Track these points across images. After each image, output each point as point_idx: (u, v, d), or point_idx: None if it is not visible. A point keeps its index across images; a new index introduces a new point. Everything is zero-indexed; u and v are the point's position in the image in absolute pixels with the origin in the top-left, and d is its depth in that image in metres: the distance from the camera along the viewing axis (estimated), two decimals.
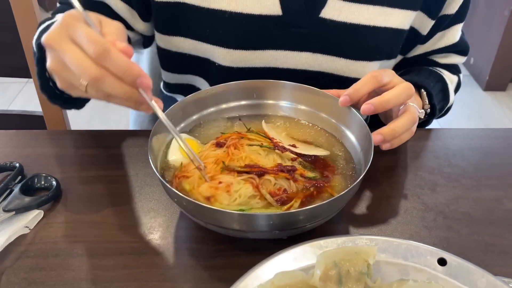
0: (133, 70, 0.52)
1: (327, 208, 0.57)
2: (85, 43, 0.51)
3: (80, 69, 0.51)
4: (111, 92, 0.53)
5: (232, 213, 0.55)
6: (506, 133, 0.85)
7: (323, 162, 0.67)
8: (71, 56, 0.52)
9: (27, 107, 1.21)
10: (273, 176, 0.62)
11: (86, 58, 0.51)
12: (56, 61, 0.54)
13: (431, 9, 0.83)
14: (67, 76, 0.54)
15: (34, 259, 0.60)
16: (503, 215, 0.67)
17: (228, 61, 0.81)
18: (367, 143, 0.64)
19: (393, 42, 0.83)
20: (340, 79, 0.83)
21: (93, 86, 0.52)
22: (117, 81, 0.52)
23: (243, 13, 0.77)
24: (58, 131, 0.83)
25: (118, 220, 0.65)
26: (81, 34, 0.51)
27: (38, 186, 0.69)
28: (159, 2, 0.79)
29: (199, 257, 0.60)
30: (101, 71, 0.51)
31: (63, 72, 0.54)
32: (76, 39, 0.52)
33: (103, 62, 0.51)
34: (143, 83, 0.53)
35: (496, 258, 0.61)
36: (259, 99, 0.76)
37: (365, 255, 0.48)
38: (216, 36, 0.79)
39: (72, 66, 0.52)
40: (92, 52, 0.50)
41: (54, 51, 0.54)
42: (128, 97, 0.53)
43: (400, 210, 0.67)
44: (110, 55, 0.51)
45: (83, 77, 0.52)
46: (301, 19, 0.78)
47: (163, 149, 0.68)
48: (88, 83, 0.52)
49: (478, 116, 2.52)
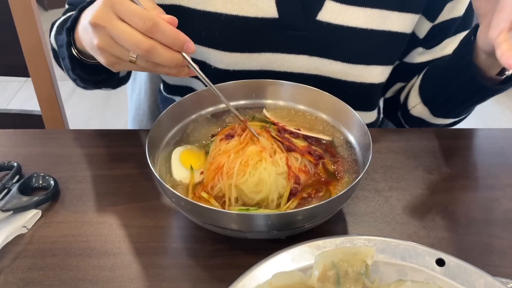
0: (180, 38, 0.56)
1: (325, 208, 0.57)
2: (134, 19, 0.54)
3: (131, 43, 0.55)
4: (161, 61, 0.56)
5: (230, 213, 0.55)
6: (505, 133, 0.85)
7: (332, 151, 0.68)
8: (121, 32, 0.55)
9: (25, 106, 1.21)
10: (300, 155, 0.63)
11: (136, 33, 0.54)
12: (104, 39, 0.57)
13: (430, 11, 0.82)
14: (116, 52, 0.57)
15: (31, 259, 0.60)
16: (501, 215, 0.67)
17: (224, 64, 0.80)
18: (365, 143, 0.64)
19: (393, 46, 0.82)
20: (337, 82, 0.82)
21: (144, 57, 0.56)
22: (165, 50, 0.56)
23: (239, 16, 0.76)
24: (56, 130, 0.83)
25: (116, 220, 0.65)
26: (127, 11, 0.55)
27: (36, 185, 0.69)
28: None
29: (197, 257, 0.60)
30: (152, 42, 0.55)
31: (112, 48, 0.57)
32: (122, 16, 0.55)
33: (153, 35, 0.55)
34: (190, 47, 0.57)
35: (495, 258, 0.61)
36: (257, 99, 0.76)
37: (363, 256, 0.48)
38: (212, 38, 0.79)
39: (122, 41, 0.55)
40: (142, 26, 0.54)
41: (102, 29, 0.56)
42: (176, 64, 0.58)
43: (399, 210, 0.67)
44: (159, 27, 0.54)
45: (135, 50, 0.55)
46: (297, 22, 0.78)
47: (161, 151, 0.67)
48: (138, 56, 0.56)
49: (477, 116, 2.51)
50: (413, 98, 0.89)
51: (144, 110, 1.11)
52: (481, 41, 0.68)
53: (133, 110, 1.15)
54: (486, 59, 0.71)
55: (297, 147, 0.64)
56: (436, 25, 0.84)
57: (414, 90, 0.89)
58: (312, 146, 0.67)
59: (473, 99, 0.78)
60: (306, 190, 0.62)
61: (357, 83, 0.83)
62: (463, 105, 0.81)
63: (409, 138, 0.82)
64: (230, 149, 0.63)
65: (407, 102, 0.91)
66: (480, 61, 0.72)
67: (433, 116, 0.88)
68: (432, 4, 0.81)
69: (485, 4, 0.66)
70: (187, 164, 0.65)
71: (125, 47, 0.56)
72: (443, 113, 0.87)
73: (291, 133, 0.68)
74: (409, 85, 0.93)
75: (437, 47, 0.87)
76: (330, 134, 0.71)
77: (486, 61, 0.71)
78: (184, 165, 0.65)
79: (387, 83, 0.92)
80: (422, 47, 0.87)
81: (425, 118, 0.89)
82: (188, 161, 0.66)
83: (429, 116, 0.88)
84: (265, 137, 0.64)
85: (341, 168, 0.66)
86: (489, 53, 0.68)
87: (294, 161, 0.63)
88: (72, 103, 2.37)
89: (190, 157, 0.66)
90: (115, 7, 0.55)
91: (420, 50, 0.87)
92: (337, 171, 0.65)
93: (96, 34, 0.57)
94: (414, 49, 0.88)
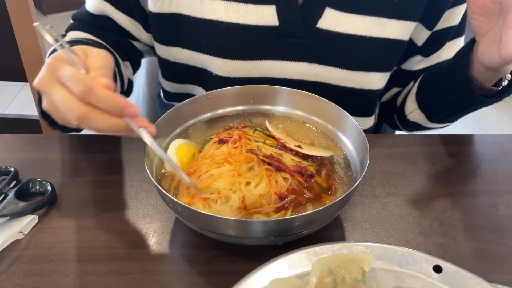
0: (118, 102, 0.54)
1: (322, 215, 0.57)
2: (70, 83, 0.53)
3: (66, 109, 0.53)
4: (98, 128, 0.55)
5: (228, 219, 0.55)
6: (502, 139, 0.85)
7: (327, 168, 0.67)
8: (58, 98, 0.54)
9: (23, 111, 1.21)
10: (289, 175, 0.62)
11: (72, 98, 0.53)
12: (48, 103, 0.57)
13: (429, 20, 0.83)
14: (59, 116, 0.57)
15: (28, 265, 0.59)
16: (498, 221, 0.67)
17: (225, 71, 0.81)
18: (363, 149, 0.64)
19: (391, 53, 0.83)
20: (337, 89, 0.83)
21: (82, 124, 0.54)
22: (103, 115, 0.54)
23: (240, 24, 0.77)
24: (54, 136, 0.83)
25: (113, 226, 0.65)
26: (66, 75, 0.53)
27: (33, 191, 0.69)
28: (156, 13, 0.79)
29: (194, 263, 0.60)
30: (86, 108, 0.53)
31: (56, 112, 0.57)
32: (62, 80, 0.54)
33: (88, 100, 0.53)
34: (130, 112, 0.55)
35: (492, 264, 0.61)
36: (256, 105, 0.76)
37: (360, 262, 0.48)
38: (213, 46, 0.79)
39: (60, 107, 0.54)
40: (77, 91, 0.52)
41: (44, 94, 0.56)
42: (117, 129, 0.55)
43: (396, 216, 0.67)
44: (94, 91, 0.53)
45: (70, 117, 0.54)
46: (298, 29, 0.78)
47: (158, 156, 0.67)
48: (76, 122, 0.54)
49: (474, 121, 2.52)
50: (410, 104, 0.90)
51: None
52: (485, 58, 0.69)
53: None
54: (485, 73, 0.73)
55: (286, 167, 0.63)
56: (434, 33, 0.84)
57: (411, 96, 0.90)
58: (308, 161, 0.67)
59: (469, 108, 0.80)
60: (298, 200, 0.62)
61: (357, 89, 0.83)
62: (459, 113, 0.83)
63: (406, 144, 0.82)
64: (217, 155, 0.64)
65: (404, 108, 0.92)
66: (477, 74, 0.74)
67: (429, 121, 0.89)
68: (430, 12, 0.82)
69: (485, 24, 0.68)
70: (181, 158, 0.66)
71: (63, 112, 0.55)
72: (439, 119, 0.88)
73: (291, 150, 0.67)
74: (405, 90, 0.94)
75: (433, 55, 0.88)
76: (332, 148, 0.70)
77: (484, 74, 0.73)
78: (179, 158, 0.66)
79: (384, 88, 0.93)
80: (420, 55, 0.88)
81: (421, 123, 0.91)
82: (182, 155, 0.66)
83: (425, 121, 0.90)
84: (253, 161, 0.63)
85: (335, 184, 0.64)
86: (491, 67, 0.70)
87: (281, 181, 0.62)
88: None
89: (186, 152, 0.67)
90: (56, 72, 0.54)
91: (419, 58, 0.88)
92: (330, 187, 0.64)
93: (43, 97, 0.57)
94: (412, 57, 0.88)
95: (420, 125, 0.92)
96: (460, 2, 0.83)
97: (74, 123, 0.54)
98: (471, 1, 0.68)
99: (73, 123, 0.55)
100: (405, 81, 0.93)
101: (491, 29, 0.68)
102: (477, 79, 0.74)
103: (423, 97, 0.87)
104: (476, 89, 0.74)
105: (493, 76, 0.74)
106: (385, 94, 0.96)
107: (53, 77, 0.55)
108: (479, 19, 0.69)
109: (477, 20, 0.69)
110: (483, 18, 0.68)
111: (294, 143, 0.69)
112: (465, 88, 0.75)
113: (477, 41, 0.71)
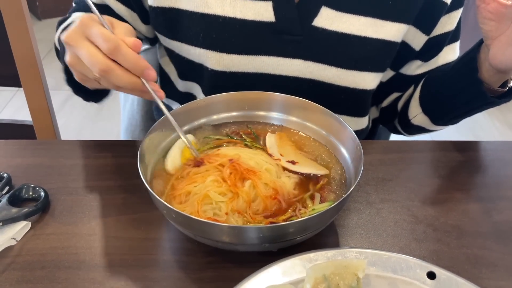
0: (140, 64, 0.59)
1: (317, 221, 0.57)
2: (99, 40, 0.58)
3: (90, 62, 0.58)
4: (118, 83, 0.59)
5: (222, 226, 0.55)
6: (495, 145, 0.86)
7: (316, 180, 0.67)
8: (85, 51, 0.58)
9: (17, 116, 1.20)
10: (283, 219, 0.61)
11: (98, 53, 0.58)
12: (72, 56, 0.61)
13: (425, 24, 0.84)
14: (81, 69, 0.62)
15: (20, 272, 0.59)
16: (492, 227, 0.68)
17: (220, 65, 0.81)
18: (357, 156, 0.64)
19: (385, 54, 0.84)
20: (331, 87, 0.83)
21: (103, 78, 0.59)
22: (124, 72, 0.59)
23: (236, 18, 0.78)
24: (48, 141, 0.83)
25: (106, 232, 0.65)
26: (96, 33, 0.58)
27: (26, 196, 0.69)
28: (155, 8, 0.81)
29: (188, 270, 0.60)
30: (109, 63, 0.58)
31: (78, 66, 0.61)
32: (91, 37, 0.59)
33: (115, 57, 0.58)
34: (149, 75, 0.60)
35: (485, 271, 0.61)
36: (251, 111, 0.76)
37: (354, 269, 0.48)
38: (209, 40, 0.80)
39: (85, 60, 0.59)
40: (105, 48, 0.57)
41: (71, 48, 0.60)
42: (133, 87, 0.60)
43: (390, 223, 0.68)
44: (121, 50, 0.58)
45: (93, 69, 0.58)
46: (293, 26, 0.79)
47: (154, 160, 0.67)
48: (99, 75, 0.59)
49: (468, 128, 2.54)
50: (414, 109, 0.92)
51: (137, 121, 1.12)
52: (498, 61, 0.72)
53: (126, 121, 1.14)
54: (494, 75, 0.76)
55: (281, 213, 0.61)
56: (431, 38, 0.86)
57: (415, 100, 0.91)
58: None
59: (477, 110, 0.82)
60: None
61: (350, 88, 0.84)
62: (466, 115, 0.85)
63: (400, 150, 0.82)
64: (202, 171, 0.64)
65: (408, 112, 0.93)
66: (486, 76, 0.77)
67: (434, 124, 0.91)
68: (425, 16, 0.83)
69: (497, 28, 0.71)
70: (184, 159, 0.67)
71: (87, 65, 0.59)
72: (444, 122, 0.90)
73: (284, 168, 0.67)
74: (406, 94, 0.95)
75: (431, 60, 0.90)
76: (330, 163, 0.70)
77: (493, 77, 0.76)
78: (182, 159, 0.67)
79: (384, 93, 0.94)
80: (420, 60, 0.89)
81: (425, 126, 0.93)
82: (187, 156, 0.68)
83: (429, 124, 0.92)
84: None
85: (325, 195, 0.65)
86: (504, 70, 0.73)
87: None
88: (64, 113, 2.36)
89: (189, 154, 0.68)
90: (86, 29, 0.59)
91: (418, 63, 0.90)
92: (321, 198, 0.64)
93: (68, 51, 0.62)
94: (411, 62, 0.90)
95: (424, 128, 0.94)
96: (455, 7, 0.85)
97: (95, 75, 0.59)
98: (482, 8, 0.71)
99: (92, 77, 0.60)
100: (405, 86, 0.94)
101: (502, 33, 0.70)
102: (486, 81, 0.77)
103: (428, 101, 0.89)
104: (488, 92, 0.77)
105: (501, 78, 0.76)
106: (385, 99, 0.97)
107: (82, 33, 0.59)
108: (489, 24, 0.71)
109: (488, 25, 0.71)
110: (494, 23, 0.71)
111: (291, 158, 0.69)
112: (475, 90, 0.78)
113: (486, 45, 0.74)
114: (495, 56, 0.72)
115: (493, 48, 0.72)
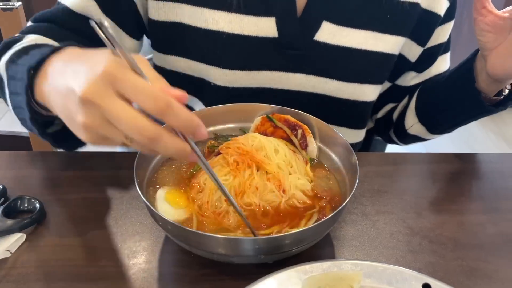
0: (194, 121, 0.46)
1: (312, 233, 0.57)
2: (141, 97, 0.44)
3: (134, 129, 0.44)
4: (163, 152, 0.46)
5: (217, 237, 0.55)
6: (490, 158, 0.87)
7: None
8: (121, 114, 0.44)
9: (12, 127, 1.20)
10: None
11: (139, 116, 0.44)
12: (95, 118, 0.45)
13: (420, 37, 0.86)
14: (107, 133, 0.46)
15: (14, 284, 0.58)
16: (486, 239, 0.68)
17: (223, 81, 0.82)
18: (352, 167, 0.65)
19: (384, 66, 0.86)
20: (332, 100, 0.84)
21: (148, 146, 0.45)
22: (172, 139, 0.46)
23: (240, 35, 0.78)
24: (43, 153, 0.82)
25: (102, 244, 0.64)
26: (133, 87, 0.44)
27: (21, 208, 0.68)
28: (156, 21, 0.81)
29: (183, 282, 0.60)
30: (159, 130, 0.45)
31: (104, 129, 0.46)
32: (125, 92, 0.45)
33: (164, 118, 0.45)
34: (202, 133, 0.47)
35: (480, 282, 0.61)
36: (248, 122, 0.76)
37: (350, 281, 0.48)
38: (213, 56, 0.81)
39: (121, 125, 0.44)
40: (153, 108, 0.44)
41: (94, 107, 0.45)
42: (183, 155, 0.47)
43: (386, 234, 0.68)
44: (173, 110, 0.44)
45: (137, 138, 0.44)
46: (296, 41, 0.80)
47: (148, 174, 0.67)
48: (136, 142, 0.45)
49: (463, 140, 2.55)
50: (410, 119, 0.93)
51: None
52: (497, 71, 0.74)
53: None
54: (491, 85, 0.77)
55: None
56: (426, 50, 0.88)
57: (411, 111, 0.93)
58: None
59: (474, 118, 0.83)
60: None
61: (351, 100, 0.85)
62: (463, 123, 0.86)
63: (396, 161, 0.83)
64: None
65: (404, 123, 0.95)
66: (483, 86, 0.78)
67: (430, 133, 0.93)
68: (421, 29, 0.85)
69: (494, 39, 0.72)
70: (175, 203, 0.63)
71: (123, 131, 0.45)
72: (440, 130, 0.92)
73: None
74: (400, 105, 0.97)
75: (426, 71, 0.92)
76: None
77: (490, 86, 0.78)
78: (173, 205, 0.63)
79: (379, 104, 0.96)
80: (414, 71, 0.92)
81: (422, 135, 0.94)
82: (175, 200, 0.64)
83: (426, 133, 0.93)
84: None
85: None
86: (502, 79, 0.75)
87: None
88: None
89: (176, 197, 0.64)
90: (117, 83, 0.44)
91: (413, 74, 0.92)
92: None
93: (85, 111, 0.45)
94: (407, 73, 0.92)
95: (420, 137, 0.95)
96: (448, 19, 0.88)
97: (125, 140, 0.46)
98: (480, 20, 0.72)
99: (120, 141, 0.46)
100: (400, 97, 0.96)
101: (500, 43, 0.72)
102: (483, 90, 0.78)
103: (424, 112, 0.90)
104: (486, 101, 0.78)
105: (498, 87, 0.78)
106: (380, 110, 0.98)
107: (111, 87, 0.44)
108: (487, 35, 0.73)
109: (486, 37, 0.73)
110: (492, 34, 0.72)
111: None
112: (473, 100, 0.79)
113: (483, 55, 0.75)
114: (494, 66, 0.73)
115: (492, 59, 0.73)
